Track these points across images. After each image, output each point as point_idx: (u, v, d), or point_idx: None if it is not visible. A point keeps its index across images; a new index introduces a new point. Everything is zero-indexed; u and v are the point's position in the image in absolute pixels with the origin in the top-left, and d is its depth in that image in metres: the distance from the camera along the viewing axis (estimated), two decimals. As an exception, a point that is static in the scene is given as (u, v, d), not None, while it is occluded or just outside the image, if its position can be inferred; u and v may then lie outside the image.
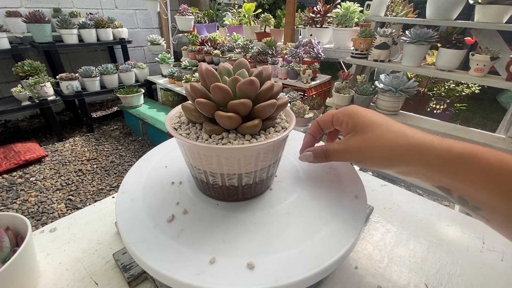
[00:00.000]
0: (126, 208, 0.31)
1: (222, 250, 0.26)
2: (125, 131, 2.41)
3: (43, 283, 0.34)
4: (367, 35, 1.37)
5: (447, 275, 0.36)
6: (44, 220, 1.38)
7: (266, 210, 0.32)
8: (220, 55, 2.15)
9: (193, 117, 0.29)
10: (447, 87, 2.48)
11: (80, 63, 2.64)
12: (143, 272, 0.34)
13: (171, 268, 0.24)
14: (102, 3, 2.70)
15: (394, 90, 1.24)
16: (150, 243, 0.27)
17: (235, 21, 2.54)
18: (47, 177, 1.71)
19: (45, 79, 1.97)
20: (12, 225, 0.34)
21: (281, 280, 0.23)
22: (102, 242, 0.40)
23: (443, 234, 0.43)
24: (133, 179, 0.37)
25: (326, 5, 1.76)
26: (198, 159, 0.29)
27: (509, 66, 1.04)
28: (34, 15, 2.02)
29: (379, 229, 0.44)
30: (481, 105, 3.09)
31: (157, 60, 2.59)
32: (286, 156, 0.42)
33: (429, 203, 0.50)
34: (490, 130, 1.43)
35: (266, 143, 0.27)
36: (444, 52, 1.18)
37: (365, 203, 0.33)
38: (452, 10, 1.18)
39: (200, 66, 0.30)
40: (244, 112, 0.27)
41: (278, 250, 0.26)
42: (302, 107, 1.49)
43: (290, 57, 1.69)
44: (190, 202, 0.33)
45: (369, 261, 0.38)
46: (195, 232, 0.28)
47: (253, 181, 0.31)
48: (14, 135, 2.24)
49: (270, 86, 0.29)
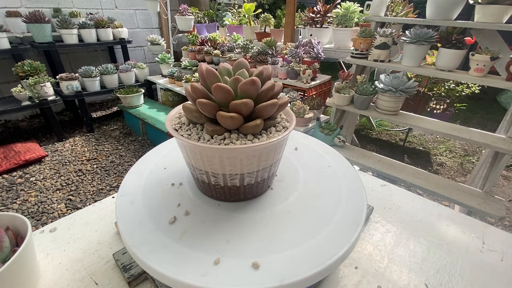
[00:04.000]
0: (126, 210, 0.31)
1: (226, 251, 0.26)
2: (125, 131, 2.41)
3: (43, 283, 0.34)
4: (367, 35, 1.37)
5: (447, 275, 0.36)
6: (44, 220, 1.38)
7: (268, 209, 0.32)
8: (220, 55, 2.15)
9: (194, 118, 0.29)
10: (447, 87, 2.48)
11: (80, 63, 2.64)
12: (143, 272, 0.34)
13: (176, 270, 0.24)
14: (102, 3, 2.70)
15: (394, 90, 1.24)
16: (153, 246, 0.27)
17: (235, 21, 2.54)
18: (47, 177, 1.71)
19: (45, 79, 1.97)
20: (12, 225, 0.34)
21: (287, 279, 0.23)
22: (102, 242, 0.40)
23: (443, 234, 0.43)
24: (133, 181, 0.37)
25: (326, 5, 1.76)
26: (200, 159, 0.29)
27: (509, 66, 1.04)
28: (34, 15, 2.01)
29: (379, 229, 0.44)
30: (481, 105, 3.09)
31: (157, 60, 2.59)
32: (286, 156, 0.42)
33: (429, 203, 0.50)
34: (490, 130, 1.43)
35: (268, 142, 0.27)
36: (444, 52, 1.18)
37: (365, 203, 0.33)
38: (452, 10, 1.18)
39: (200, 66, 0.30)
40: (246, 112, 0.27)
41: (282, 250, 0.26)
42: (302, 107, 1.49)
43: (290, 57, 1.69)
44: (192, 203, 0.33)
45: (369, 261, 0.38)
46: (198, 233, 0.28)
47: (255, 181, 0.31)
48: (14, 135, 2.24)
49: (271, 86, 0.29)
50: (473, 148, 2.18)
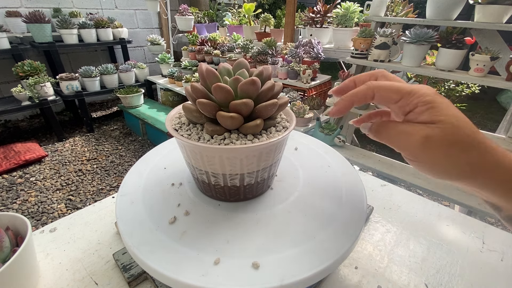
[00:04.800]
0: (126, 210, 0.31)
1: (226, 251, 0.26)
2: (125, 131, 2.41)
3: (43, 283, 0.34)
4: (367, 35, 1.37)
5: (447, 275, 0.36)
6: (44, 220, 1.38)
7: (268, 209, 0.32)
8: (220, 55, 2.15)
9: (194, 118, 0.29)
10: (447, 87, 2.48)
11: (80, 63, 2.64)
12: (143, 272, 0.34)
13: (176, 270, 0.24)
14: (102, 3, 2.70)
15: (394, 90, 1.24)
16: (153, 246, 0.27)
17: (235, 21, 2.54)
18: (47, 177, 1.71)
19: (45, 79, 1.97)
20: (12, 225, 0.34)
21: (287, 279, 0.24)
22: (102, 242, 0.40)
23: (443, 234, 0.43)
24: (133, 181, 0.37)
25: (326, 5, 1.76)
26: (200, 159, 0.29)
27: (509, 66, 1.04)
28: (34, 15, 2.01)
29: (379, 229, 0.44)
30: (481, 105, 3.09)
31: (157, 60, 2.59)
32: (286, 156, 0.42)
33: (429, 203, 0.50)
34: (490, 130, 1.43)
35: (268, 142, 0.27)
36: (444, 52, 1.18)
37: (365, 203, 0.33)
38: (452, 10, 1.18)
39: (200, 66, 0.30)
40: (246, 112, 0.27)
41: (282, 250, 0.26)
42: (302, 107, 1.49)
43: (290, 57, 1.69)
44: (192, 203, 0.33)
45: (369, 261, 0.38)
46: (198, 233, 0.28)
47: (255, 181, 0.31)
48: (14, 135, 2.24)
49: (271, 86, 0.29)
50: (473, 148, 2.18)
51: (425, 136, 0.22)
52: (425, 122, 0.23)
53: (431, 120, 0.22)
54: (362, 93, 0.25)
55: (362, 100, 0.26)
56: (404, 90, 0.23)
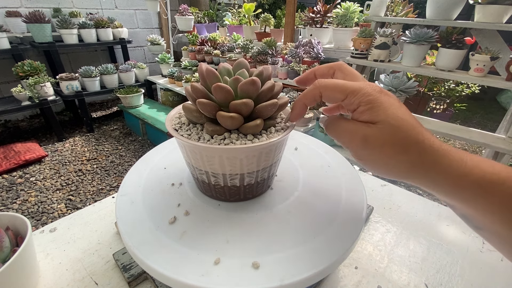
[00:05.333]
0: (126, 210, 0.31)
1: (226, 251, 0.26)
2: (125, 131, 2.41)
3: (43, 283, 0.34)
4: (367, 35, 1.37)
5: (447, 275, 0.36)
6: (44, 220, 1.38)
7: (268, 209, 0.32)
8: (220, 55, 2.15)
9: (194, 118, 0.29)
10: (447, 87, 2.48)
11: (80, 63, 2.64)
12: (143, 272, 0.34)
13: (176, 270, 0.24)
14: (102, 3, 2.70)
15: (394, 90, 1.24)
16: (153, 246, 0.27)
17: (235, 21, 2.54)
18: (47, 177, 1.71)
19: (45, 79, 1.97)
20: (12, 225, 0.34)
21: (287, 279, 0.24)
22: (102, 242, 0.40)
23: (443, 234, 0.43)
24: (132, 181, 0.37)
25: (326, 5, 1.76)
26: (200, 159, 0.29)
27: (509, 66, 1.05)
28: (34, 15, 2.01)
29: (379, 229, 0.44)
30: (481, 105, 3.10)
31: (157, 60, 2.59)
32: (286, 156, 0.42)
33: (429, 203, 0.50)
34: (490, 130, 1.43)
35: (268, 142, 0.27)
36: (444, 52, 1.18)
37: (365, 203, 0.33)
38: (452, 10, 1.18)
39: (200, 66, 0.30)
40: (246, 112, 0.27)
41: (282, 250, 0.26)
42: (302, 107, 1.49)
43: (290, 57, 1.69)
44: (192, 203, 0.33)
45: (369, 261, 0.38)
46: (198, 233, 0.28)
47: (255, 181, 0.31)
48: (14, 135, 2.24)
49: (271, 86, 0.29)
50: (473, 148, 2.18)
51: (364, 136, 0.23)
52: (366, 121, 0.23)
53: (371, 120, 0.23)
54: (310, 93, 0.26)
55: (312, 100, 0.26)
56: (349, 90, 0.23)
